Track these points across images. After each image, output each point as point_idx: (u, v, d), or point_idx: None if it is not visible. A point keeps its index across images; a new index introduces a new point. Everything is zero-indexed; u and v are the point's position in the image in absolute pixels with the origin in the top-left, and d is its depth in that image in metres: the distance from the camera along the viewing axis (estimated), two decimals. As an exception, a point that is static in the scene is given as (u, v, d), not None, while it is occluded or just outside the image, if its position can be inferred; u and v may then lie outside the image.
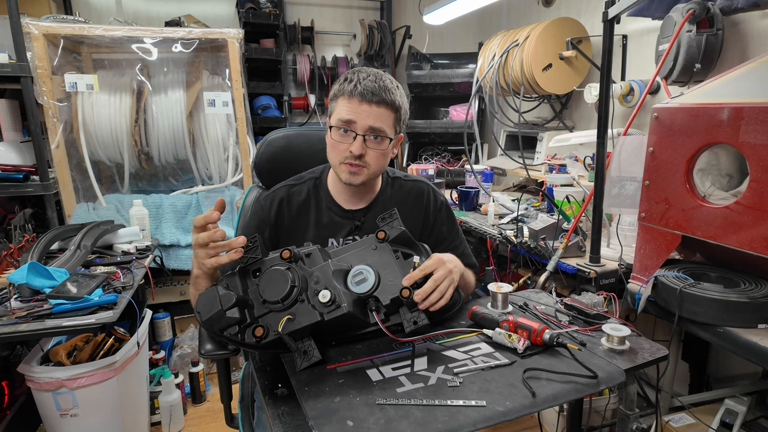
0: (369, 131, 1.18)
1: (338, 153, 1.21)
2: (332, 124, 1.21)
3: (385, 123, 1.20)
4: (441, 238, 1.39)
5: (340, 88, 1.20)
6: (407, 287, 0.98)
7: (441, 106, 3.67)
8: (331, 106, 1.24)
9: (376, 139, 1.20)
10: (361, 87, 1.16)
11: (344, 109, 1.18)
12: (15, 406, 1.95)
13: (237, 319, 0.92)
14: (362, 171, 1.21)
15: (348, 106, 1.18)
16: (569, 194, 2.01)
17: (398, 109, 1.22)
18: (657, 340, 1.10)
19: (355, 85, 1.17)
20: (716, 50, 1.82)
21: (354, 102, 1.17)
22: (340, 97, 1.20)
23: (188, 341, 2.55)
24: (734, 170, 1.44)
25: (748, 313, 1.24)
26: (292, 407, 0.85)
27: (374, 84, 1.17)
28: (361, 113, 1.17)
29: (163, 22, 3.02)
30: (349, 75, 1.20)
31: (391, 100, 1.19)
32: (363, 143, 1.19)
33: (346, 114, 1.18)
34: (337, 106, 1.21)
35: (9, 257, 1.74)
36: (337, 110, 1.21)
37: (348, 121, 1.18)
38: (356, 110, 1.17)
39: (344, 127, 1.19)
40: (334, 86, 1.23)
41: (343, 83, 1.20)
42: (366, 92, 1.16)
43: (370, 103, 1.17)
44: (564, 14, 2.69)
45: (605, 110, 1.62)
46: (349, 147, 1.19)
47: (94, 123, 2.32)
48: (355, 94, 1.16)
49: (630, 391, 1.07)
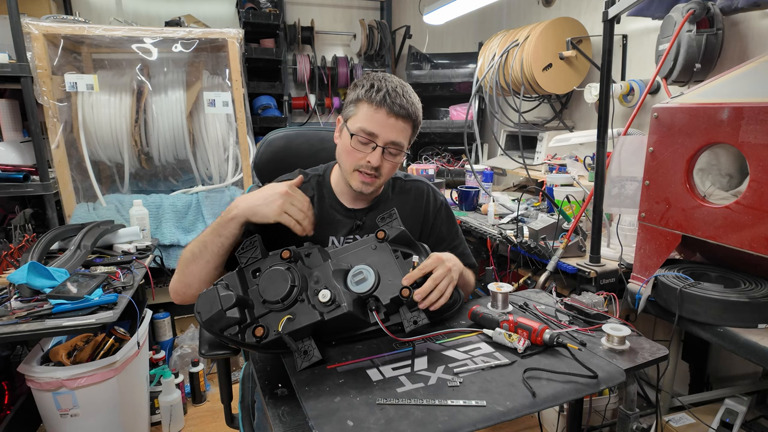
0: (390, 145, 1.18)
1: (353, 160, 1.19)
2: (353, 132, 1.17)
3: (404, 137, 1.20)
4: (440, 238, 1.39)
5: (366, 95, 1.16)
6: (407, 287, 0.98)
7: (441, 106, 3.67)
8: (351, 109, 1.20)
9: (392, 153, 1.20)
10: (390, 100, 1.14)
11: (369, 120, 1.16)
12: (15, 406, 1.95)
13: (237, 319, 0.92)
14: (375, 181, 1.21)
15: (374, 116, 1.15)
16: (569, 194, 2.01)
17: (417, 124, 1.23)
18: (657, 340, 1.10)
19: (385, 97, 1.14)
20: (716, 50, 1.82)
21: (381, 113, 1.15)
22: (365, 103, 1.17)
23: (188, 341, 2.55)
24: (734, 170, 1.44)
25: (748, 313, 1.24)
26: (292, 407, 0.85)
27: (402, 98, 1.16)
28: (386, 127, 1.16)
29: (163, 22, 3.02)
30: (375, 82, 1.17)
31: (415, 116, 1.20)
32: (381, 155, 1.18)
33: (370, 125, 1.16)
34: (359, 111, 1.18)
35: (9, 257, 1.74)
36: (359, 117, 1.17)
37: (371, 133, 1.16)
38: (382, 123, 1.15)
39: (365, 139, 1.17)
40: (357, 89, 1.19)
41: (369, 90, 1.16)
42: (395, 106, 1.15)
43: (396, 117, 1.16)
44: (564, 14, 2.69)
45: (605, 110, 1.62)
46: (367, 157, 1.17)
47: (94, 123, 2.32)
48: (384, 105, 1.14)
49: (630, 391, 1.07)
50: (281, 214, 1.08)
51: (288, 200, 1.09)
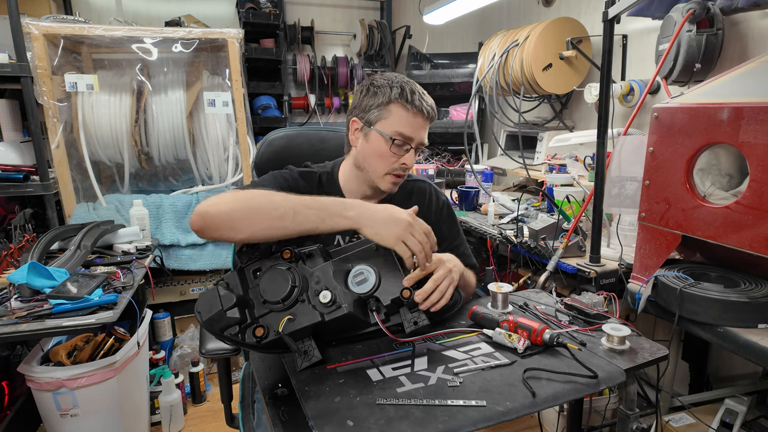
0: (420, 145, 1.24)
1: (388, 164, 1.22)
2: (391, 136, 1.19)
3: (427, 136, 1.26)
4: (442, 238, 1.38)
5: (399, 98, 1.18)
6: (408, 287, 0.98)
7: (441, 106, 3.67)
8: (380, 112, 1.20)
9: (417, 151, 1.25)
10: (425, 104, 1.20)
11: (408, 124, 1.19)
12: (15, 406, 1.95)
13: (237, 319, 0.92)
14: (401, 181, 1.26)
15: (412, 120, 1.20)
16: (569, 194, 2.01)
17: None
18: (657, 340, 1.10)
19: (420, 101, 1.19)
20: (716, 50, 1.82)
21: (419, 118, 1.20)
22: (400, 107, 1.19)
23: (188, 341, 2.55)
24: (734, 170, 1.44)
25: (748, 313, 1.24)
26: (292, 407, 0.85)
27: (428, 98, 1.23)
28: (421, 129, 1.22)
29: (163, 22, 3.02)
30: (403, 84, 1.20)
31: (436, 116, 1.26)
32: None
33: (409, 130, 1.20)
34: (391, 115, 1.20)
35: (9, 257, 1.74)
36: (393, 121, 1.19)
37: (409, 138, 1.20)
38: (418, 126, 1.20)
39: (404, 143, 1.21)
40: (383, 91, 1.20)
41: (401, 93, 1.18)
42: (428, 109, 1.21)
43: (427, 119, 1.22)
44: (564, 14, 2.69)
45: (605, 110, 1.62)
46: (402, 159, 1.22)
47: (94, 123, 2.32)
48: (422, 110, 1.19)
49: (630, 391, 1.07)
50: (398, 242, 0.99)
51: (409, 231, 1.00)
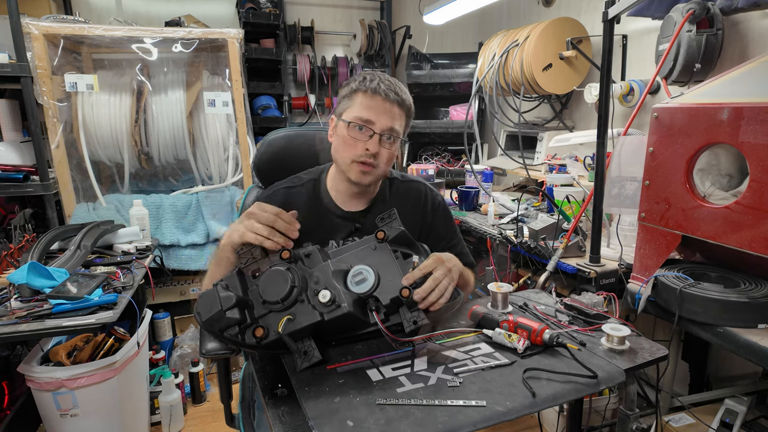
0: (386, 131, 1.21)
1: (351, 151, 1.21)
2: (349, 120, 1.20)
3: (399, 124, 1.23)
4: (439, 237, 1.39)
5: (359, 86, 1.21)
6: (407, 287, 0.98)
7: (441, 106, 3.67)
8: (345, 103, 1.23)
9: (389, 140, 1.22)
10: (384, 86, 1.19)
11: (365, 107, 1.19)
12: (15, 406, 1.95)
13: (237, 320, 0.92)
14: (372, 171, 1.22)
15: (370, 103, 1.19)
16: (569, 194, 2.01)
17: (410, 113, 1.27)
18: (657, 340, 1.10)
19: (379, 84, 1.19)
20: (716, 50, 1.82)
21: (377, 100, 1.19)
22: (359, 93, 1.20)
23: (188, 341, 2.55)
24: (734, 170, 1.44)
25: (748, 313, 1.24)
26: (292, 407, 0.85)
27: (396, 86, 1.21)
28: (382, 113, 1.19)
29: (163, 22, 3.02)
30: (366, 75, 1.22)
31: (408, 103, 1.24)
32: (379, 142, 1.20)
33: (367, 113, 1.19)
34: (353, 103, 1.21)
35: (9, 257, 1.74)
36: (354, 107, 1.21)
37: (368, 120, 1.19)
38: (378, 109, 1.19)
39: (362, 125, 1.19)
40: (350, 84, 1.23)
41: (362, 81, 1.21)
42: (390, 92, 1.19)
43: (392, 102, 1.19)
44: (564, 14, 2.69)
45: (605, 110, 1.62)
46: (365, 145, 1.19)
47: (94, 123, 2.32)
48: (379, 91, 1.18)
49: (630, 391, 1.06)
50: (245, 234, 1.02)
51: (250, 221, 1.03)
